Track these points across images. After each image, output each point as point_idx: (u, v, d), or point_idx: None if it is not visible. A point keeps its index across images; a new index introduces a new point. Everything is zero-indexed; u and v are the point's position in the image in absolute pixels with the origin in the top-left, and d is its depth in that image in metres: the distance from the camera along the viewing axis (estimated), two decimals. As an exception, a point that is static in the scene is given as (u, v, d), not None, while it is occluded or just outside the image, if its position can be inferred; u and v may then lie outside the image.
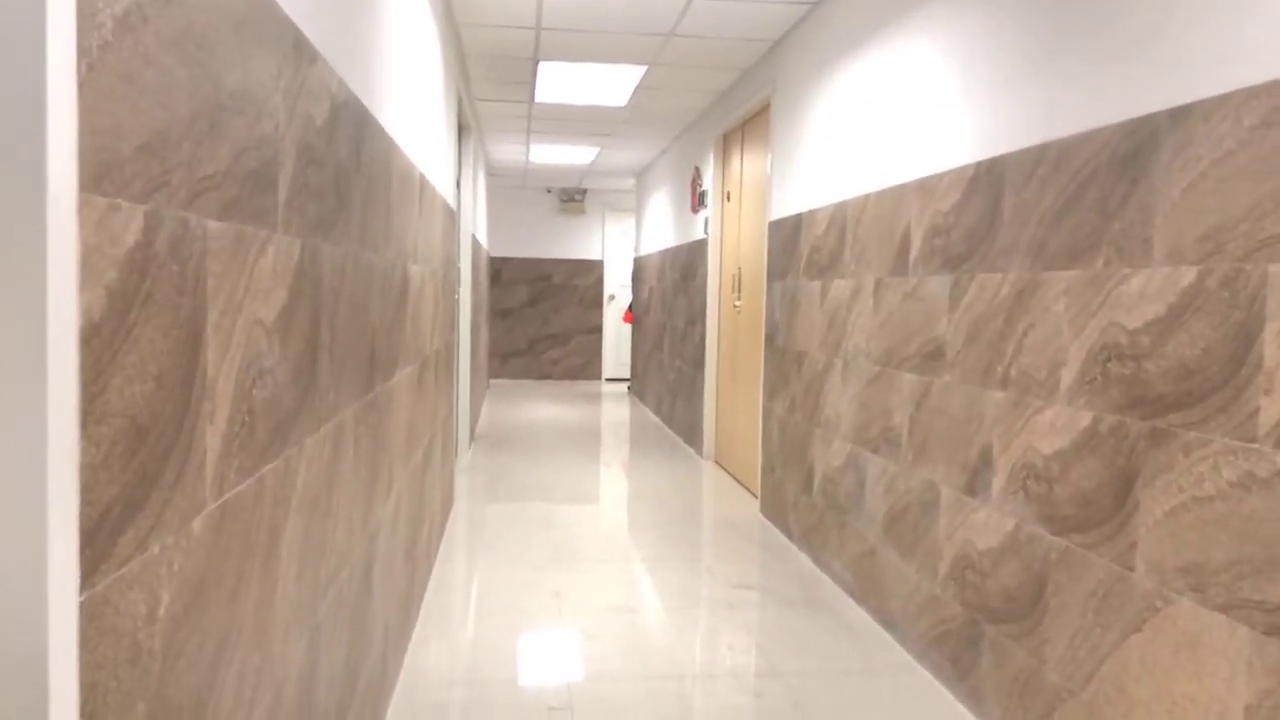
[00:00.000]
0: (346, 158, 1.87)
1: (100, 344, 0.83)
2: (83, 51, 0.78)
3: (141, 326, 0.91)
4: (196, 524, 1.06)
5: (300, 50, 1.49)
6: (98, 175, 0.81)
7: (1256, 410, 1.71)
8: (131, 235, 0.88)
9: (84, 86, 0.78)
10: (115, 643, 0.86)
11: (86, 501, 0.80)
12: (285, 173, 1.41)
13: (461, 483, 5.72)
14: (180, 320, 1.01)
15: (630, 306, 10.74)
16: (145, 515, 0.92)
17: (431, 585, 3.76)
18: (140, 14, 0.89)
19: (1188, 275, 1.89)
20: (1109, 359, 2.13)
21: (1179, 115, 1.93)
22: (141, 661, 0.92)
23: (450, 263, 4.50)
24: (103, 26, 0.82)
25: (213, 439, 1.11)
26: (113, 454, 0.85)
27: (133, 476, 0.89)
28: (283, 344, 1.41)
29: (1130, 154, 2.08)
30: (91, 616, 0.82)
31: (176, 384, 1.00)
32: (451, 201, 4.62)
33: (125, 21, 0.86)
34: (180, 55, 1.00)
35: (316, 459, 1.64)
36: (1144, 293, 2.02)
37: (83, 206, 0.79)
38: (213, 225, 1.10)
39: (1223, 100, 1.81)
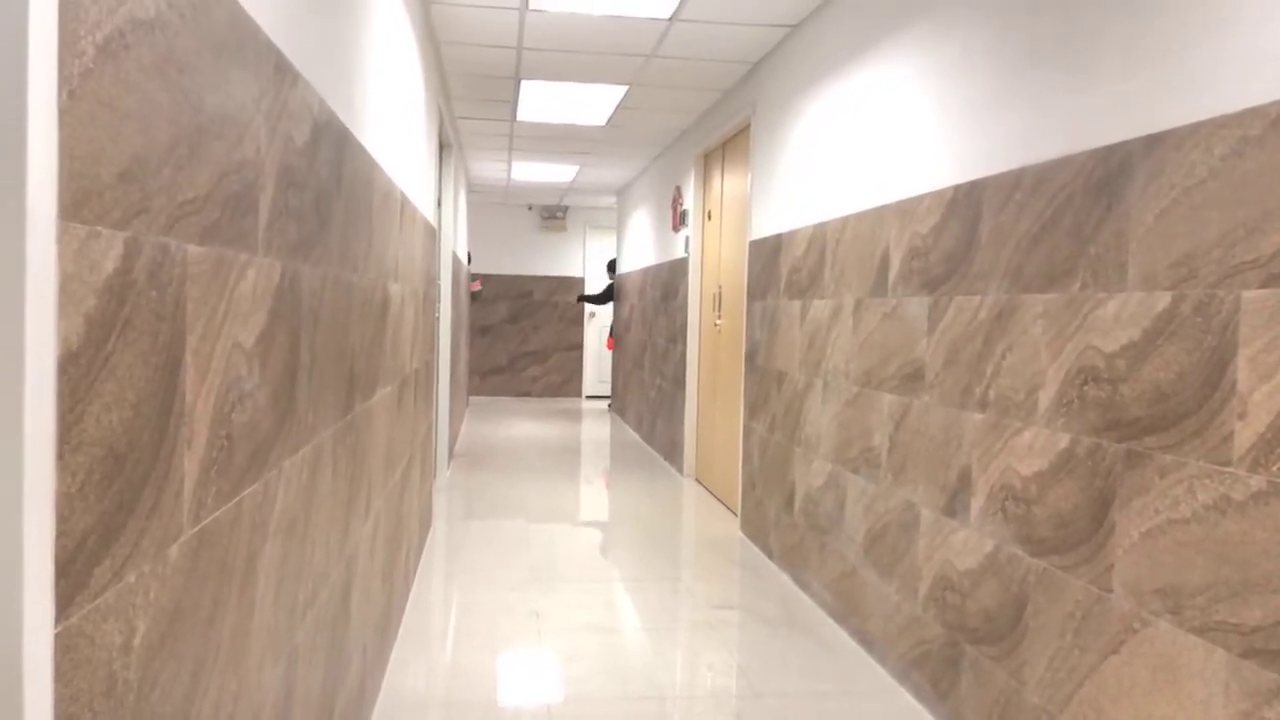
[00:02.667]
0: (327, 178, 1.87)
1: (78, 372, 0.82)
2: (64, 79, 0.78)
3: (120, 353, 0.90)
4: (173, 551, 1.05)
5: (281, 72, 1.49)
6: (77, 203, 0.81)
7: (1231, 434, 1.72)
8: (111, 262, 0.88)
9: (65, 114, 0.78)
10: (91, 674, 0.85)
11: (62, 532, 0.80)
12: (266, 195, 1.40)
13: (440, 502, 5.69)
14: (159, 346, 1.00)
15: (611, 332, 10.74)
16: (121, 544, 0.91)
17: (410, 606, 3.74)
18: (122, 41, 0.89)
19: (1162, 300, 1.91)
20: (1086, 382, 2.15)
21: (1152, 143, 1.96)
22: (117, 692, 0.91)
23: (431, 281, 4.49)
24: (84, 54, 0.81)
25: (191, 465, 1.10)
26: (89, 483, 0.84)
27: (109, 505, 0.89)
28: (262, 367, 1.40)
29: (1105, 180, 2.10)
30: (66, 649, 0.81)
31: (155, 410, 0.99)
32: (432, 219, 4.61)
33: (107, 49, 0.86)
34: (162, 81, 0.99)
35: (295, 482, 1.63)
36: (1119, 317, 2.04)
37: (62, 235, 0.78)
38: (193, 250, 1.09)
39: (1194, 129, 1.84)
